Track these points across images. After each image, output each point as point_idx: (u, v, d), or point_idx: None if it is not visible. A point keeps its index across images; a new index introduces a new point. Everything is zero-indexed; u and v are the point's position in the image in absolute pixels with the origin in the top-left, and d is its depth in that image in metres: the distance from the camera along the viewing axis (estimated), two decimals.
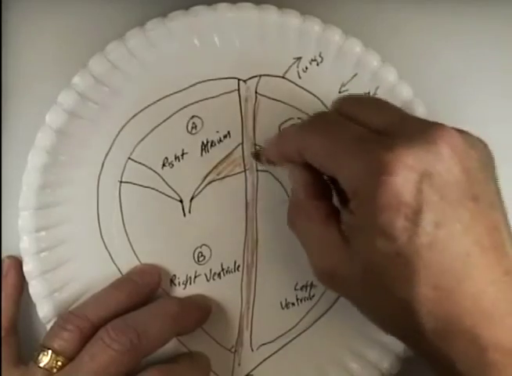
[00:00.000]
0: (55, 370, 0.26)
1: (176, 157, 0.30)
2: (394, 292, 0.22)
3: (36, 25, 0.32)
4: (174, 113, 0.30)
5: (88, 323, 0.26)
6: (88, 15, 0.32)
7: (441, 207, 0.21)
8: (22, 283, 0.30)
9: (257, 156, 0.30)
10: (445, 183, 0.21)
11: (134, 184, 0.30)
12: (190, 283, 0.30)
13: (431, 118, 0.29)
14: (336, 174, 0.23)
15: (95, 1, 0.32)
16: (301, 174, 0.26)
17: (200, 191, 0.30)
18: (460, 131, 0.22)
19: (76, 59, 0.29)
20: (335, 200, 0.26)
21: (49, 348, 0.26)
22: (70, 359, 0.26)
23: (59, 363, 0.26)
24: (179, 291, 0.30)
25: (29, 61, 0.32)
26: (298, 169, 0.26)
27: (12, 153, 0.31)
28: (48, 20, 0.32)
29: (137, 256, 0.30)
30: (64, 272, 0.30)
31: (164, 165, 0.30)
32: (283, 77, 0.30)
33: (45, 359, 0.26)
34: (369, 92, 0.30)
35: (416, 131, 0.22)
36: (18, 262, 0.30)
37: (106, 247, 0.30)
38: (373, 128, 0.23)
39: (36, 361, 0.26)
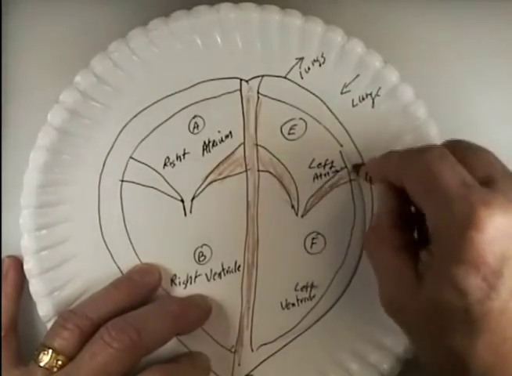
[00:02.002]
0: (55, 370, 0.26)
1: (178, 157, 0.30)
2: (453, 343, 0.22)
3: (38, 24, 0.32)
4: (176, 113, 0.30)
5: (88, 322, 0.26)
6: (90, 14, 0.32)
7: None
8: (22, 282, 0.30)
9: (356, 167, 0.30)
10: None
11: (135, 183, 0.30)
12: (191, 283, 0.30)
13: (433, 119, 0.30)
14: (427, 210, 0.23)
15: (97, 0, 0.32)
16: (391, 199, 0.26)
17: (202, 191, 0.30)
18: None
19: (78, 58, 0.29)
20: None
21: (50, 348, 0.26)
22: (70, 358, 0.26)
23: (60, 363, 0.26)
24: (180, 291, 0.30)
25: (31, 60, 0.32)
26: (389, 194, 0.26)
27: (13, 152, 0.32)
28: (50, 20, 0.32)
29: (138, 255, 0.30)
30: (65, 270, 0.30)
31: (165, 165, 0.30)
32: (285, 78, 0.30)
33: (45, 358, 0.26)
34: (371, 93, 0.30)
35: None
36: (18, 262, 0.30)
37: (107, 246, 0.30)
38: (477, 177, 0.23)
39: (36, 360, 0.26)
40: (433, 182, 0.22)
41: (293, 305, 0.31)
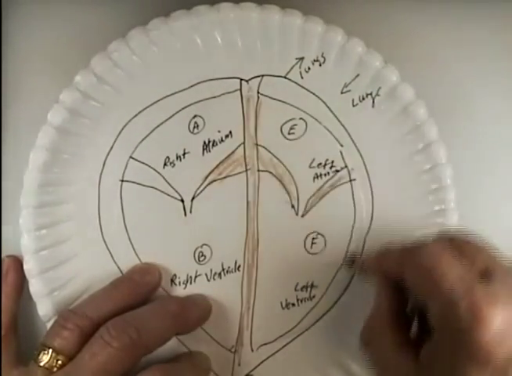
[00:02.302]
0: (55, 369, 0.25)
1: (178, 157, 0.30)
2: None
3: (38, 24, 0.32)
4: (176, 113, 0.30)
5: (88, 322, 0.26)
6: (91, 14, 0.32)
7: None
8: (22, 282, 0.30)
9: (351, 261, 0.30)
10: None
11: (135, 183, 0.30)
12: (191, 283, 0.30)
13: (433, 119, 0.30)
14: (430, 307, 0.23)
15: (97, 1, 0.32)
16: (389, 295, 0.26)
17: (201, 191, 0.30)
18: None
19: (78, 58, 0.29)
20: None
21: (50, 347, 0.26)
22: (70, 357, 0.26)
23: (60, 362, 0.26)
24: (180, 291, 0.30)
25: (31, 60, 0.32)
26: (388, 289, 0.26)
27: (13, 152, 0.32)
28: (50, 20, 0.32)
29: (137, 255, 0.30)
30: (65, 270, 0.30)
31: (165, 164, 0.30)
32: (285, 78, 0.30)
33: (45, 358, 0.26)
34: (371, 93, 0.30)
35: None
36: (18, 262, 0.30)
37: (107, 246, 0.30)
38: (477, 271, 0.23)
39: (36, 360, 0.26)
40: (435, 280, 0.23)
41: (294, 305, 0.31)
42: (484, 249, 0.25)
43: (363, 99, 0.30)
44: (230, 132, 0.30)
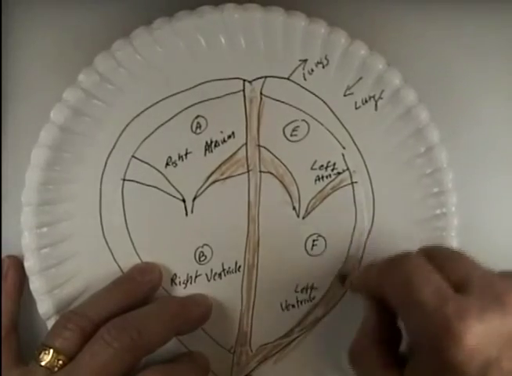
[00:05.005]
0: (56, 369, 0.25)
1: (180, 157, 0.30)
2: None
3: (42, 22, 0.32)
4: (178, 113, 0.30)
5: (89, 322, 0.26)
6: (94, 13, 0.32)
7: None
8: (22, 282, 0.30)
9: (342, 278, 0.30)
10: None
11: (137, 182, 0.30)
12: (191, 283, 0.30)
13: (434, 122, 0.30)
14: (405, 323, 0.23)
15: None
16: (374, 314, 0.26)
17: (203, 191, 0.30)
18: None
19: (82, 57, 0.29)
20: None
21: (51, 347, 0.26)
22: (71, 357, 0.26)
23: (61, 362, 0.26)
24: (180, 291, 0.30)
25: (34, 58, 0.32)
26: (372, 308, 0.26)
27: (16, 150, 0.31)
28: (54, 18, 0.32)
29: (138, 254, 0.30)
30: (65, 269, 0.30)
31: (167, 164, 0.30)
32: (288, 79, 0.30)
33: (46, 358, 0.26)
34: (373, 96, 0.30)
35: (492, 297, 0.22)
36: (18, 262, 0.30)
37: (108, 245, 0.30)
38: (453, 282, 0.23)
39: (37, 360, 0.26)
40: (409, 295, 0.23)
41: (293, 306, 0.31)
42: (463, 260, 0.24)
43: (366, 101, 0.30)
44: (233, 133, 0.30)
